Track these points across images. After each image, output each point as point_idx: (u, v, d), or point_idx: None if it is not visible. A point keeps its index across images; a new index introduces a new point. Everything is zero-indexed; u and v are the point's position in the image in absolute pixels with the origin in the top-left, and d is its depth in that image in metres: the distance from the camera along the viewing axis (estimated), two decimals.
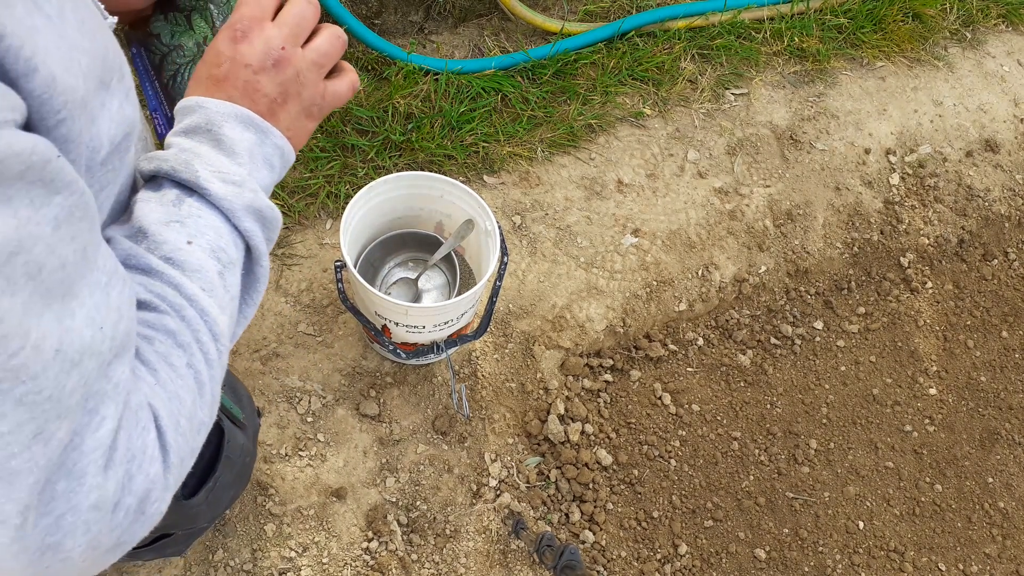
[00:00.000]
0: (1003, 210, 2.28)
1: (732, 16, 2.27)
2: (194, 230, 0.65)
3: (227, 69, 0.71)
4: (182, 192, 0.66)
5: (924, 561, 1.80)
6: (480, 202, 1.45)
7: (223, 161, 0.68)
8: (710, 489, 1.76)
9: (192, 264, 0.64)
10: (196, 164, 0.66)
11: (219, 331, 0.64)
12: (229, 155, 0.69)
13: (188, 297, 0.63)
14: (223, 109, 0.70)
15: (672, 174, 2.05)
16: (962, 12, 2.54)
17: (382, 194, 1.49)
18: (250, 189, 0.68)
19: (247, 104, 0.71)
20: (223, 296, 0.65)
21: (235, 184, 0.68)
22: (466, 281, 1.62)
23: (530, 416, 1.71)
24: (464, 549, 1.56)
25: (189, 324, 0.62)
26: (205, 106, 0.70)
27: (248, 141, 0.70)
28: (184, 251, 0.64)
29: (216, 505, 1.14)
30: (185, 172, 0.66)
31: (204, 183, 0.66)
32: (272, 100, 0.72)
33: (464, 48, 2.13)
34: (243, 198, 0.68)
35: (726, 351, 1.91)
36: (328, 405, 1.61)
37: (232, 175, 0.68)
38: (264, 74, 0.71)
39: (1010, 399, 2.05)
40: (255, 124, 0.71)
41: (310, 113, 0.76)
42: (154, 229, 0.64)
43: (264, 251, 0.70)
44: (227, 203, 0.67)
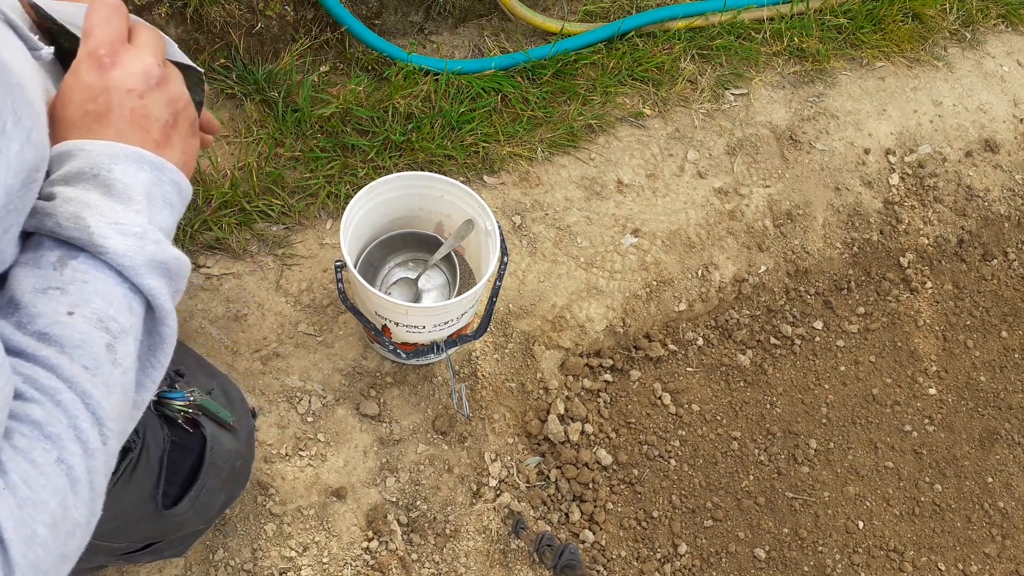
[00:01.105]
0: (1003, 210, 2.28)
1: (732, 16, 2.27)
2: (77, 298, 0.56)
3: (106, 100, 0.62)
4: (65, 252, 0.57)
5: (924, 561, 1.81)
6: (480, 202, 1.45)
7: (118, 210, 0.59)
8: (710, 489, 1.76)
9: (73, 339, 0.55)
10: (87, 217, 0.57)
11: (104, 414, 0.56)
12: (124, 202, 0.60)
13: (66, 379, 0.54)
14: (110, 150, 0.61)
15: (672, 174, 2.05)
16: (962, 12, 2.54)
17: (382, 194, 1.49)
18: (152, 240, 0.60)
19: (139, 135, 0.63)
20: (111, 372, 0.57)
21: (136, 236, 0.59)
22: (466, 281, 1.62)
23: (530, 416, 1.71)
24: (464, 549, 1.56)
25: (65, 411, 0.54)
26: (87, 148, 0.60)
27: (144, 182, 0.61)
28: (63, 324, 0.55)
29: (206, 510, 1.12)
30: (73, 228, 0.56)
31: (100, 240, 0.57)
32: (164, 124, 0.64)
33: (464, 48, 2.14)
34: (145, 252, 0.59)
35: (726, 351, 1.91)
36: (328, 405, 1.61)
37: (131, 226, 0.59)
38: (151, 97, 0.64)
39: (1010, 399, 2.05)
40: (148, 161, 0.62)
41: (193, 130, 0.69)
42: (28, 299, 0.55)
43: (170, 309, 0.61)
44: (127, 260, 0.58)
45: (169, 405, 0.97)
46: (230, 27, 1.81)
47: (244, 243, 1.71)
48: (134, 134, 0.63)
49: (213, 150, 1.79)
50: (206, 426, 1.04)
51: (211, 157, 1.76)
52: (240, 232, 1.71)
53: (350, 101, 1.87)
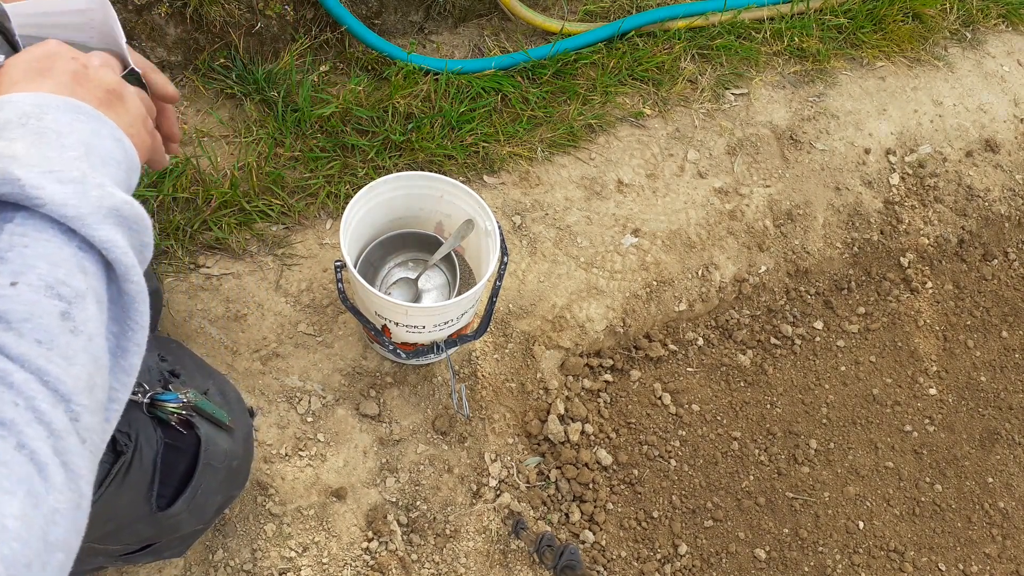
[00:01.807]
0: (1003, 210, 2.28)
1: (732, 16, 2.26)
2: (19, 264, 0.50)
3: (50, 62, 0.58)
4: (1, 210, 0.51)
5: (924, 561, 1.80)
6: (480, 202, 1.45)
7: (52, 157, 0.52)
8: (710, 489, 1.76)
9: (19, 312, 0.49)
10: (15, 169, 0.51)
11: (67, 389, 0.50)
12: (59, 149, 0.53)
13: (15, 358, 0.49)
14: (42, 100, 0.55)
15: (672, 174, 2.05)
16: (962, 12, 2.54)
17: (382, 194, 1.49)
18: (95, 184, 0.53)
19: (81, 91, 0.57)
20: (71, 342, 0.51)
21: (75, 182, 0.52)
22: (466, 281, 1.62)
23: (530, 416, 1.71)
24: (464, 549, 1.56)
25: (19, 392, 0.48)
26: (16, 100, 0.54)
27: (81, 131, 0.55)
28: (6, 297, 0.49)
29: (202, 511, 1.12)
30: (2, 184, 0.50)
31: (32, 190, 0.50)
32: (109, 91, 0.59)
33: (464, 48, 2.14)
34: (89, 198, 0.52)
35: (726, 351, 1.91)
36: (328, 405, 1.61)
37: (68, 170, 0.52)
38: (97, 69, 0.60)
39: (1010, 399, 2.05)
40: (85, 112, 0.56)
41: (146, 124, 0.63)
42: None
43: (131, 263, 0.54)
44: (70, 210, 0.51)
45: (162, 407, 0.96)
46: (230, 27, 1.81)
47: (244, 243, 1.71)
48: (75, 89, 0.57)
49: (213, 150, 1.78)
50: (200, 427, 1.03)
51: (211, 157, 1.76)
52: (240, 232, 1.71)
53: (350, 101, 1.87)
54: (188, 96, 1.85)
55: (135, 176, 0.59)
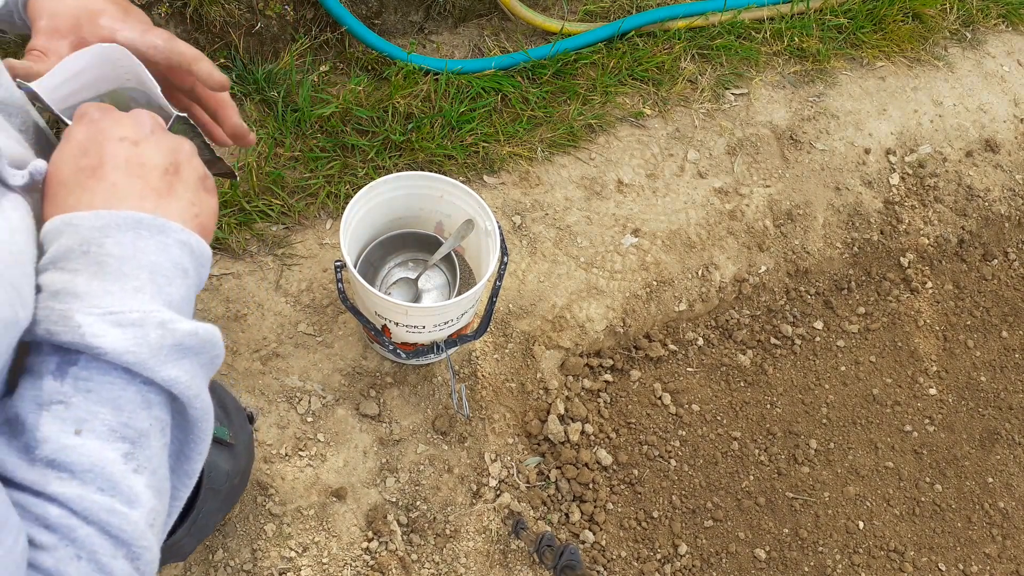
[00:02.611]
0: (1003, 210, 2.28)
1: (732, 16, 2.26)
2: (83, 411, 0.50)
3: (98, 152, 0.55)
4: (63, 358, 0.51)
5: (924, 561, 1.80)
6: (480, 202, 1.45)
7: (112, 292, 0.51)
8: (710, 489, 1.76)
9: (83, 464, 0.50)
10: (76, 315, 0.50)
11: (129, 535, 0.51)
12: (119, 280, 0.52)
13: (79, 511, 0.50)
14: (100, 221, 0.53)
15: (672, 174, 2.05)
16: (962, 12, 2.54)
17: (382, 194, 1.49)
18: (156, 323, 0.52)
19: (137, 185, 0.55)
20: (134, 483, 0.51)
21: (135, 325, 0.51)
22: (466, 281, 1.62)
23: (530, 416, 1.71)
24: (464, 549, 1.56)
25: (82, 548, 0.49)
26: (76, 223, 0.52)
27: (144, 251, 0.53)
28: (71, 448, 0.50)
29: (203, 531, 1.11)
30: (64, 332, 0.50)
31: (93, 340, 0.50)
32: (164, 171, 0.57)
33: (464, 48, 2.14)
34: (149, 341, 0.51)
35: (726, 351, 1.91)
36: (328, 405, 1.61)
37: (129, 311, 0.51)
38: (146, 143, 0.57)
39: (1010, 399, 2.05)
40: (146, 225, 0.54)
41: (206, 186, 0.61)
42: (31, 419, 0.49)
43: (195, 393, 0.54)
44: (131, 357, 0.50)
45: None
46: (230, 27, 1.81)
47: (244, 243, 1.71)
48: (131, 184, 0.55)
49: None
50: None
51: None
52: (240, 232, 1.71)
53: (350, 101, 1.87)
54: None
55: (206, 269, 0.58)
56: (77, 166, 0.55)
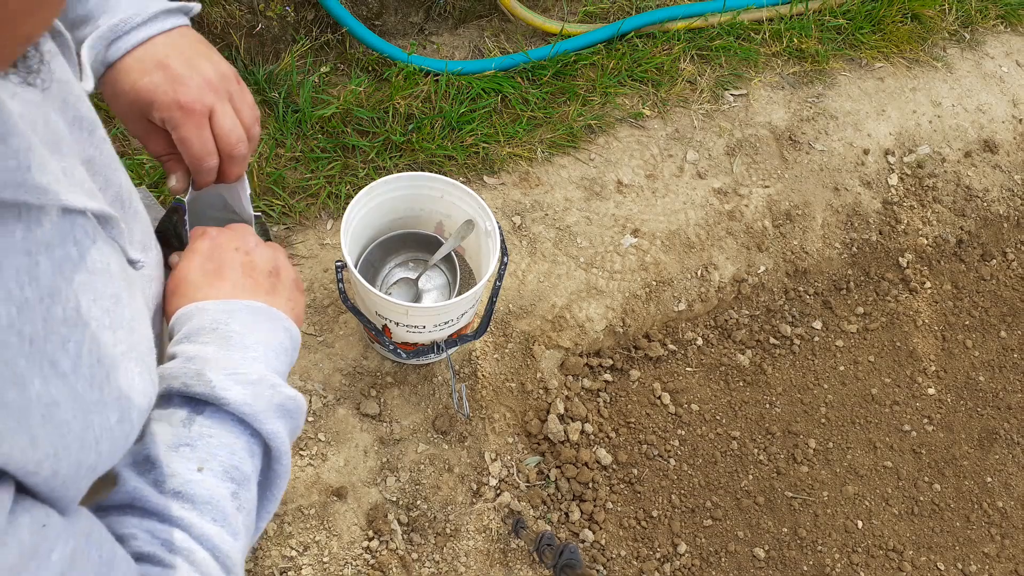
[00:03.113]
0: (1001, 210, 2.29)
1: (731, 17, 2.27)
2: (205, 453, 0.61)
3: (219, 257, 0.71)
4: (191, 410, 0.62)
5: (923, 560, 1.81)
6: (480, 202, 1.46)
7: (236, 359, 0.64)
8: (709, 488, 1.76)
9: (203, 496, 0.60)
10: (208, 372, 0.63)
11: (232, 562, 0.61)
12: (241, 350, 0.65)
13: (198, 537, 0.59)
14: (227, 306, 0.67)
15: (671, 175, 2.05)
16: (961, 13, 2.55)
17: (383, 194, 1.49)
18: (269, 385, 0.64)
19: (251, 284, 0.70)
20: (237, 520, 0.62)
21: (253, 384, 0.64)
22: (466, 281, 1.62)
23: (530, 416, 1.71)
24: (464, 548, 1.57)
25: (199, 568, 0.58)
26: (206, 308, 0.67)
27: (259, 331, 0.67)
28: (194, 482, 0.60)
29: None
30: (198, 385, 0.62)
31: (221, 392, 0.62)
32: (270, 274, 0.72)
33: (464, 49, 2.14)
34: (263, 398, 0.64)
35: (725, 351, 1.91)
36: (329, 405, 1.62)
37: (249, 373, 0.64)
38: (254, 252, 0.73)
39: (1009, 399, 2.05)
40: (262, 312, 0.69)
41: (298, 287, 0.75)
42: (163, 458, 0.60)
43: (285, 449, 0.65)
44: (247, 408, 0.62)
45: None
46: (231, 28, 1.81)
47: None
48: (246, 283, 0.70)
49: None
50: None
51: None
52: None
53: (350, 102, 1.87)
54: None
55: (298, 351, 0.72)
56: (203, 269, 0.70)
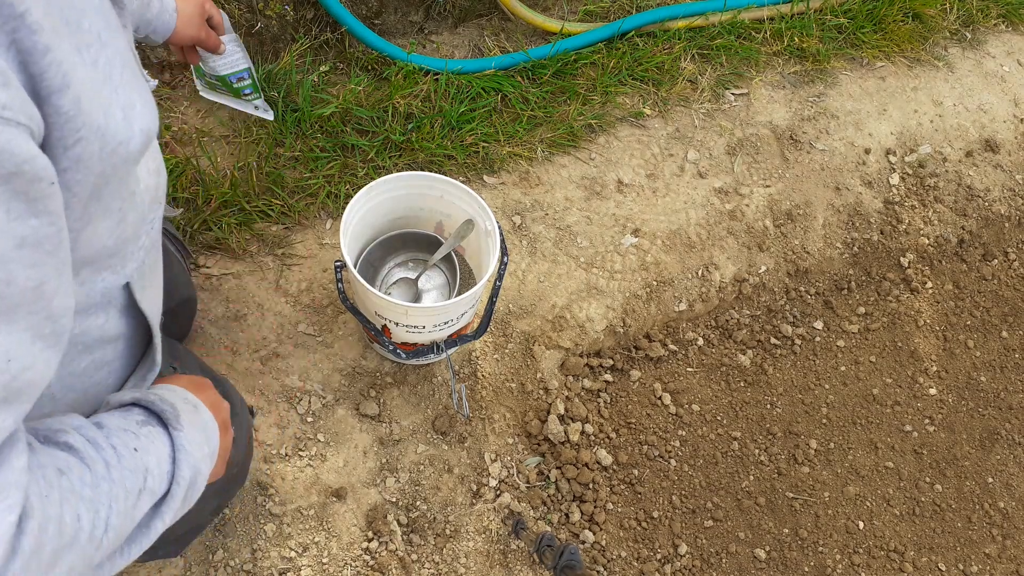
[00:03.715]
0: (1003, 210, 2.28)
1: (732, 16, 2.27)
2: (144, 446, 0.72)
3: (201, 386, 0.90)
4: (147, 418, 0.75)
5: (924, 561, 1.80)
6: (480, 202, 1.45)
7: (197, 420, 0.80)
8: (710, 489, 1.76)
9: (128, 463, 0.69)
10: (179, 407, 0.78)
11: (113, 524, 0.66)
12: (201, 429, 0.81)
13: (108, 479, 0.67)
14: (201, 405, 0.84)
15: (672, 174, 2.05)
16: (962, 12, 2.54)
17: (382, 194, 1.49)
18: (209, 451, 0.80)
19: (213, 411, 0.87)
20: (128, 504, 0.69)
21: (200, 443, 0.78)
22: (466, 281, 1.62)
23: (530, 416, 1.71)
24: (464, 549, 1.56)
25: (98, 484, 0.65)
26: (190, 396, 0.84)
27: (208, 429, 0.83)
28: (126, 452, 0.70)
29: (198, 515, 1.12)
30: (168, 409, 0.76)
31: (178, 424, 0.76)
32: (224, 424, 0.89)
33: (464, 48, 2.14)
34: (200, 451, 0.78)
35: (726, 351, 1.91)
36: (328, 405, 1.61)
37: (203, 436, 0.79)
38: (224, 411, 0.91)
39: (1010, 399, 2.05)
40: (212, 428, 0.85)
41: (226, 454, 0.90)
42: (111, 427, 0.71)
43: (173, 507, 0.75)
44: (189, 446, 0.76)
45: None
46: None
47: (244, 243, 1.71)
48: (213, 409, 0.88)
49: (213, 150, 1.78)
50: None
51: (211, 157, 1.76)
52: (240, 232, 1.71)
53: (350, 101, 1.87)
54: (188, 96, 1.85)
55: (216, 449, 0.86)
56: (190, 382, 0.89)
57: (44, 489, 0.59)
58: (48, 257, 0.53)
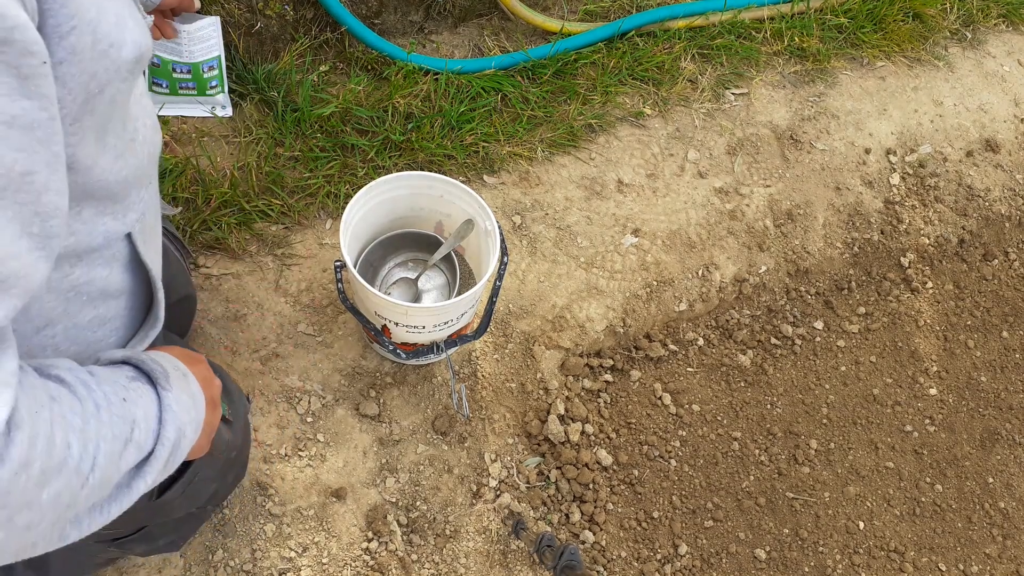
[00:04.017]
0: (1003, 210, 2.28)
1: (732, 16, 2.26)
2: (132, 397, 0.72)
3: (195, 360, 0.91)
4: (137, 375, 0.76)
5: (924, 561, 1.80)
6: (480, 202, 1.45)
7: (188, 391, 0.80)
8: (710, 489, 1.75)
9: (117, 410, 0.68)
10: (168, 369, 0.78)
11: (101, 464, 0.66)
12: (189, 394, 0.81)
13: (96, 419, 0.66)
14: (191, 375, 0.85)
15: (672, 174, 2.04)
16: (962, 12, 2.54)
17: (382, 193, 1.48)
18: (196, 413, 0.81)
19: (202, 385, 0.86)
20: (115, 450, 0.67)
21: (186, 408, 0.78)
22: (466, 281, 1.62)
23: (530, 416, 1.70)
24: (464, 549, 1.56)
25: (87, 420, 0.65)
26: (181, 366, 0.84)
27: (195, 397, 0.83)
28: (117, 404, 0.69)
29: (195, 498, 1.13)
30: (157, 369, 0.77)
31: (167, 384, 0.76)
32: (213, 401, 0.89)
33: (464, 48, 2.13)
34: (187, 414, 0.78)
35: (726, 351, 1.91)
36: (328, 405, 1.61)
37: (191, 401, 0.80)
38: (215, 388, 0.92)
39: (1010, 399, 2.05)
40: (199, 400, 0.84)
41: (211, 431, 0.91)
42: (102, 376, 0.71)
43: (156, 468, 0.74)
44: (176, 406, 0.76)
45: None
46: (229, 26, 1.80)
47: (243, 243, 1.71)
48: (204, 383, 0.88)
49: (213, 150, 1.78)
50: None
51: (210, 157, 1.76)
52: (239, 232, 1.71)
53: (350, 101, 1.86)
54: None
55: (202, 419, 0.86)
56: (183, 354, 0.88)
57: (35, 406, 0.57)
58: (39, 146, 0.51)
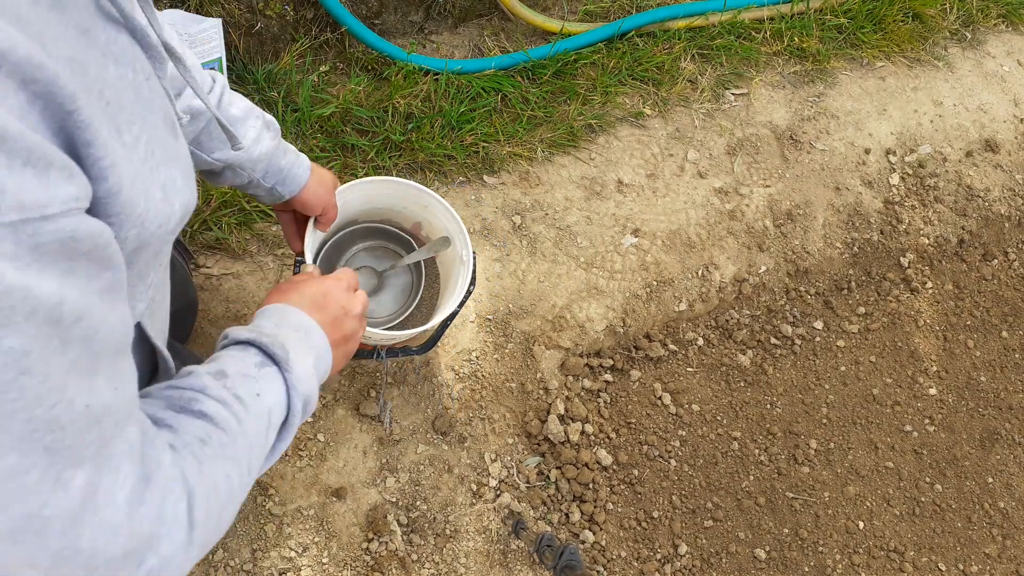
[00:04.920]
0: (1003, 210, 2.28)
1: (732, 16, 2.27)
2: (264, 390, 0.80)
3: (325, 301, 0.97)
4: (264, 360, 0.83)
5: (924, 561, 1.80)
6: (462, 228, 1.42)
7: (305, 351, 0.88)
8: (710, 489, 1.76)
9: (254, 410, 0.78)
10: (289, 345, 0.85)
11: (252, 466, 0.77)
12: (307, 352, 0.88)
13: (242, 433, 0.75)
14: (312, 328, 0.92)
15: (672, 174, 2.05)
16: (962, 12, 2.54)
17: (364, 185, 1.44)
18: (317, 378, 0.88)
19: (328, 330, 0.93)
20: (261, 442, 0.79)
21: (309, 378, 0.86)
22: (431, 285, 1.59)
23: (530, 416, 1.71)
24: (464, 549, 1.56)
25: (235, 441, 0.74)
26: (302, 320, 0.92)
27: (318, 349, 0.90)
28: (251, 400, 0.78)
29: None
30: (279, 349, 0.83)
31: (292, 363, 0.83)
32: (344, 337, 0.97)
33: (464, 48, 2.14)
34: (310, 384, 0.86)
35: (726, 351, 1.91)
36: (328, 405, 1.61)
37: (307, 370, 0.86)
38: (349, 319, 0.99)
39: (1010, 399, 2.05)
40: (325, 349, 0.92)
41: (348, 355, 1.00)
42: (234, 375, 0.79)
43: (289, 436, 0.85)
44: (300, 384, 0.83)
45: None
46: (230, 26, 1.81)
47: (244, 243, 1.71)
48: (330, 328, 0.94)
49: None
50: None
51: None
52: (240, 232, 1.71)
53: (350, 101, 1.87)
54: None
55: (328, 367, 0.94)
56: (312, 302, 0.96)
57: (196, 465, 0.67)
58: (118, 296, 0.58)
